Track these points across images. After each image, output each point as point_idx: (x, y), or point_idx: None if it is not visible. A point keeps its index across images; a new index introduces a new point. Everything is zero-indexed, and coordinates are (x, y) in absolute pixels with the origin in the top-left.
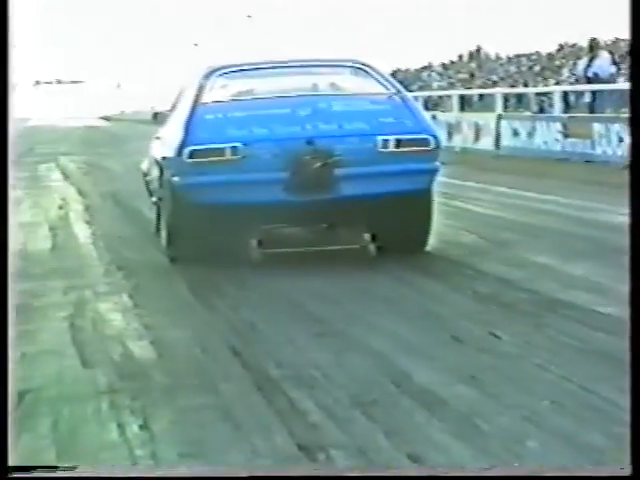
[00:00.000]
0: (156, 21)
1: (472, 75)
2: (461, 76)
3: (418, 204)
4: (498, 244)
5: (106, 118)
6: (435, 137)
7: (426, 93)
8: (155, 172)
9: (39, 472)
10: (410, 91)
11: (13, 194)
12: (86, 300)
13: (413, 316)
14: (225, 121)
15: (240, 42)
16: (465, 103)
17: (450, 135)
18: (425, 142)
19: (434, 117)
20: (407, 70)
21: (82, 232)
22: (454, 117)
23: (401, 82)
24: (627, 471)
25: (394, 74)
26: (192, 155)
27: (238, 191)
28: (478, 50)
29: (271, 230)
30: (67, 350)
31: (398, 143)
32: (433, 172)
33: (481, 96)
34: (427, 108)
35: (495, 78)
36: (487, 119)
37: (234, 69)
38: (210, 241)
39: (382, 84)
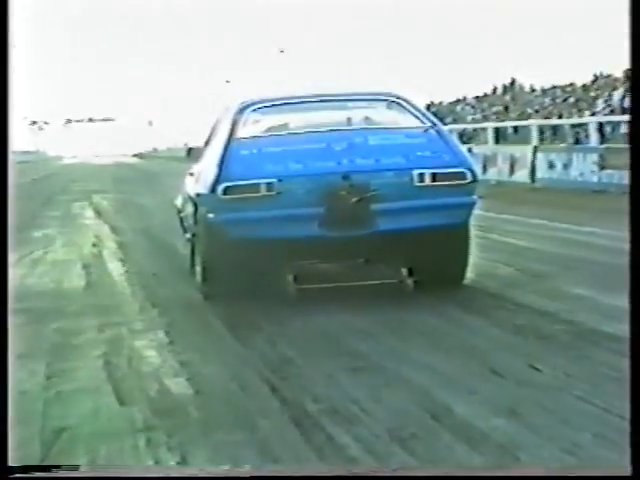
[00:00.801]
0: (188, 57)
1: (506, 108)
2: (495, 109)
3: (455, 238)
4: (535, 276)
5: (138, 155)
6: (471, 170)
7: (461, 126)
8: (189, 208)
9: (39, 472)
10: (444, 124)
11: (45, 231)
12: (121, 337)
13: (451, 349)
14: (260, 156)
15: (273, 77)
16: (500, 136)
17: (485, 168)
18: (462, 175)
19: (470, 150)
20: (440, 103)
21: (116, 269)
22: (489, 150)
23: (435, 115)
24: (627, 471)
25: (428, 107)
26: (227, 191)
27: (273, 227)
28: (512, 82)
29: (307, 265)
30: (103, 387)
31: (434, 177)
32: (470, 206)
33: (516, 128)
34: (462, 141)
35: (530, 110)
36: (522, 151)
37: (267, 104)
38: (245, 277)
39: (417, 117)
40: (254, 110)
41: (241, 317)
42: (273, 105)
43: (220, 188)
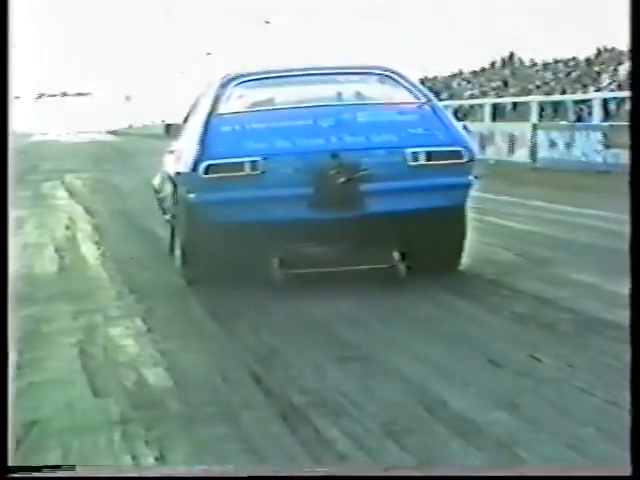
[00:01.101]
0: (167, 29)
1: (505, 83)
2: (493, 84)
3: (450, 221)
4: (536, 261)
5: (114, 132)
6: (468, 149)
7: (456, 102)
8: (168, 189)
9: (39, 472)
10: (439, 100)
11: (15, 214)
12: (97, 325)
13: (447, 339)
14: (243, 133)
15: (256, 50)
16: (498, 113)
17: (483, 147)
18: (458, 155)
19: (465, 128)
20: (435, 78)
21: (91, 253)
22: (487, 128)
23: (430, 90)
24: (627, 471)
25: (422, 82)
26: (208, 170)
27: (258, 208)
28: (511, 56)
29: (294, 249)
30: (77, 378)
31: (429, 156)
32: (467, 187)
33: (515, 105)
34: (457, 118)
35: (530, 86)
36: (522, 129)
37: (252, 77)
38: (228, 261)
39: (411, 92)
40: (238, 84)
41: (224, 303)
42: (258, 79)
43: (201, 167)
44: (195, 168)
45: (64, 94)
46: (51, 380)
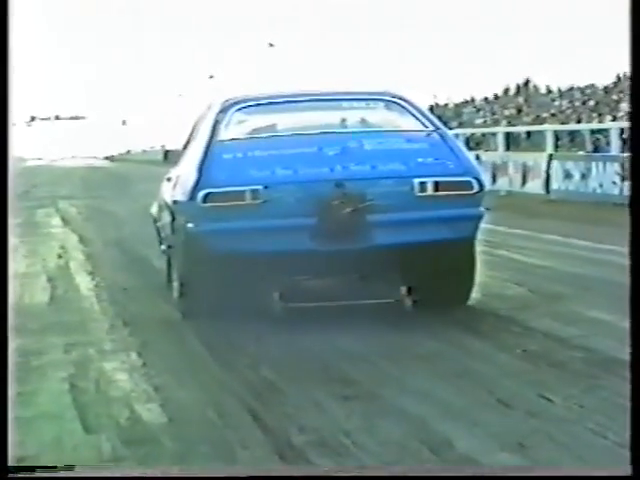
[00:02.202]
0: (167, 51)
1: (519, 110)
2: (507, 112)
3: (459, 254)
4: (548, 297)
5: (111, 158)
6: (478, 179)
7: (468, 130)
8: (166, 217)
9: (39, 472)
10: (450, 128)
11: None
12: (89, 358)
13: (454, 377)
14: (245, 161)
15: (259, 72)
16: (512, 142)
17: (495, 177)
18: (467, 185)
19: (477, 157)
20: (446, 105)
21: (84, 283)
22: (499, 157)
23: (440, 118)
24: (627, 471)
25: (431, 109)
26: (207, 199)
27: (259, 239)
28: (526, 83)
29: (295, 282)
30: (67, 414)
31: (437, 186)
32: (477, 218)
33: (529, 134)
34: (469, 147)
35: (545, 114)
36: (536, 159)
37: (253, 103)
38: (227, 294)
39: (419, 119)
40: (239, 109)
41: (221, 337)
42: (259, 104)
43: (200, 195)
44: (194, 196)
45: (57, 117)
46: (40, 415)
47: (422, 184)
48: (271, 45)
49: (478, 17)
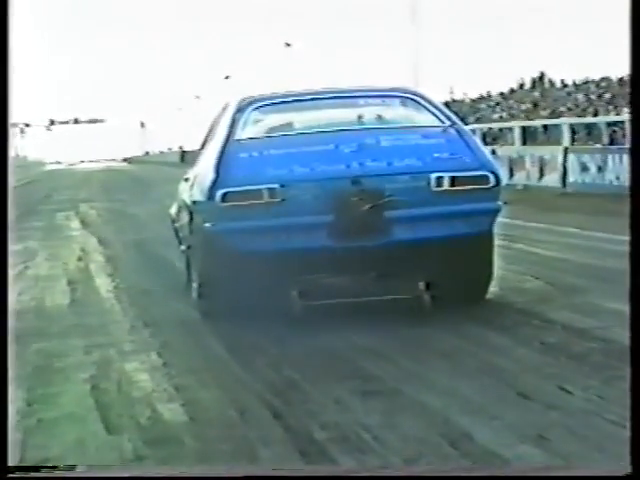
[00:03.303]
0: (184, 53)
1: (535, 105)
2: (523, 106)
3: (477, 248)
4: (566, 290)
5: (129, 160)
6: (495, 173)
7: (485, 125)
8: (185, 217)
9: (39, 472)
10: (466, 124)
11: (26, 245)
12: (110, 360)
13: (473, 371)
14: (261, 160)
15: (276, 73)
16: (528, 136)
17: (512, 171)
18: (484, 179)
19: (493, 152)
20: (463, 101)
21: (104, 286)
22: (516, 151)
23: (456, 113)
24: (627, 471)
25: (447, 105)
26: (225, 198)
27: (277, 237)
28: (542, 77)
29: (314, 280)
30: (90, 415)
31: (454, 181)
32: (494, 212)
33: (546, 127)
34: (485, 142)
35: (561, 108)
36: (553, 153)
37: (269, 102)
38: (246, 293)
39: (435, 115)
40: (255, 108)
41: (241, 336)
42: (276, 103)
43: (218, 194)
44: (212, 196)
45: (76, 121)
46: (62, 417)
47: (439, 179)
48: (288, 45)
49: (493, 12)
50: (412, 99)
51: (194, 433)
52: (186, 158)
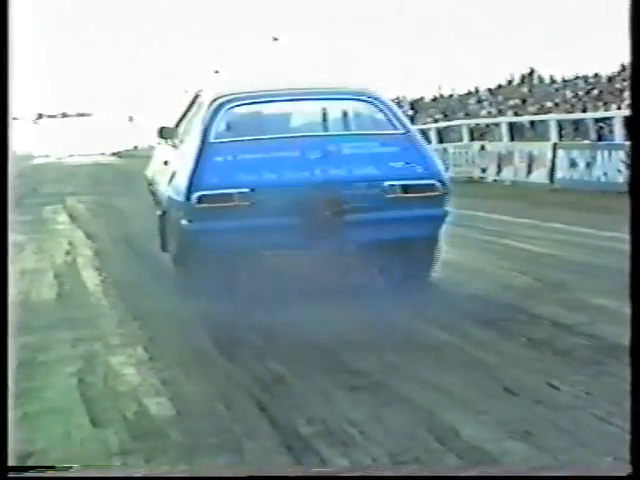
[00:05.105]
0: (173, 47)
1: (524, 101)
2: (511, 102)
3: (425, 247)
4: (553, 285)
5: (118, 154)
6: (443, 182)
7: (473, 121)
8: (162, 185)
9: (38, 472)
10: (455, 119)
11: (13, 239)
12: (96, 353)
13: (459, 366)
14: (234, 164)
15: (264, 67)
16: (516, 132)
17: (500, 167)
18: (432, 187)
19: (483, 147)
20: (451, 96)
21: (91, 279)
22: (504, 147)
23: (445, 109)
24: (627, 471)
25: (435, 100)
26: (201, 200)
27: (248, 237)
28: (530, 73)
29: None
30: (75, 408)
31: (405, 189)
32: (441, 218)
33: (533, 124)
34: (473, 138)
35: (549, 104)
36: (541, 149)
37: (242, 102)
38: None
39: (393, 120)
40: (229, 109)
41: (228, 330)
42: (248, 103)
43: (194, 197)
44: (189, 197)
45: (64, 115)
46: (48, 410)
47: (392, 187)
48: (275, 39)
49: (481, 7)
50: (373, 103)
51: (180, 427)
52: (164, 133)
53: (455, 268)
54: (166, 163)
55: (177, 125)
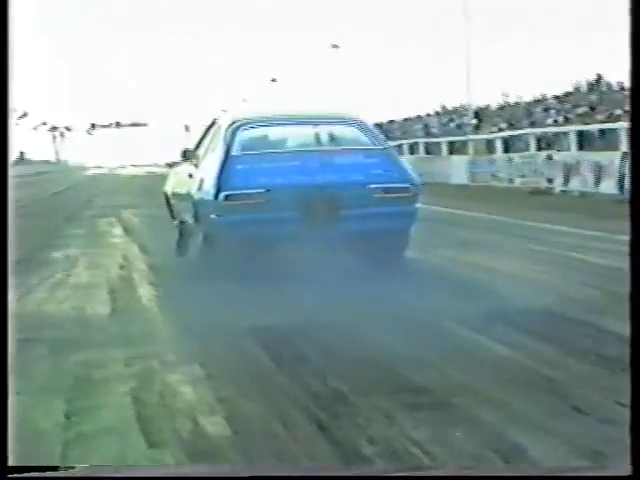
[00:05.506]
0: (230, 55)
1: (592, 108)
2: (580, 110)
3: (400, 236)
4: (623, 299)
5: (171, 165)
6: (415, 185)
7: (539, 130)
8: (186, 204)
9: (39, 472)
10: (520, 127)
11: (66, 253)
12: (152, 371)
13: (526, 384)
14: (252, 171)
15: (324, 75)
16: (585, 141)
17: (567, 178)
18: (406, 189)
19: (550, 157)
20: (517, 104)
21: (147, 295)
22: (571, 157)
23: (510, 118)
24: (627, 471)
25: (502, 108)
26: (227, 198)
27: (264, 226)
28: (598, 79)
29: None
30: (130, 428)
31: (386, 190)
32: (413, 213)
33: (603, 132)
34: (541, 147)
35: (619, 111)
36: (610, 158)
37: (253, 125)
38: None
39: (371, 137)
40: (243, 130)
41: (287, 346)
42: (258, 126)
43: (221, 195)
44: (217, 197)
45: (118, 124)
46: (102, 430)
47: (375, 189)
48: (334, 46)
49: (548, 12)
50: (356, 125)
51: (237, 447)
52: (187, 155)
53: (520, 281)
54: (191, 176)
55: (196, 148)
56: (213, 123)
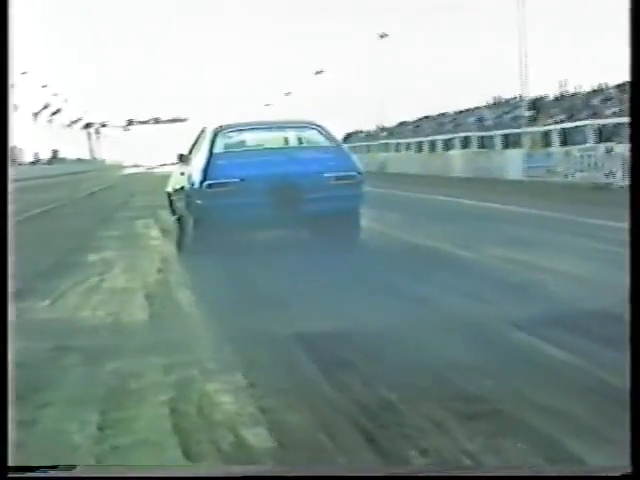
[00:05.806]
0: (273, 48)
1: None
2: None
3: (351, 216)
4: None
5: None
6: (360, 173)
7: (598, 121)
8: (181, 197)
9: (39, 472)
10: (578, 119)
11: (102, 255)
12: (191, 380)
13: (583, 390)
14: (230, 165)
15: (370, 64)
16: None
17: (626, 172)
18: (352, 177)
19: (609, 150)
20: (575, 95)
21: (185, 299)
22: None
23: (568, 108)
24: (627, 471)
25: (557, 99)
26: (210, 186)
27: (239, 209)
28: None
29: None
30: (168, 440)
31: (338, 178)
32: (360, 196)
33: None
34: (600, 139)
35: None
36: None
37: (233, 129)
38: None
39: (327, 138)
40: (225, 134)
41: (332, 354)
42: (236, 130)
43: (205, 184)
44: (201, 185)
45: (156, 120)
46: (138, 443)
47: (329, 177)
48: (383, 36)
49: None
50: (316, 128)
51: (281, 459)
52: (182, 159)
53: (581, 282)
54: (183, 174)
55: (190, 152)
56: (202, 131)
